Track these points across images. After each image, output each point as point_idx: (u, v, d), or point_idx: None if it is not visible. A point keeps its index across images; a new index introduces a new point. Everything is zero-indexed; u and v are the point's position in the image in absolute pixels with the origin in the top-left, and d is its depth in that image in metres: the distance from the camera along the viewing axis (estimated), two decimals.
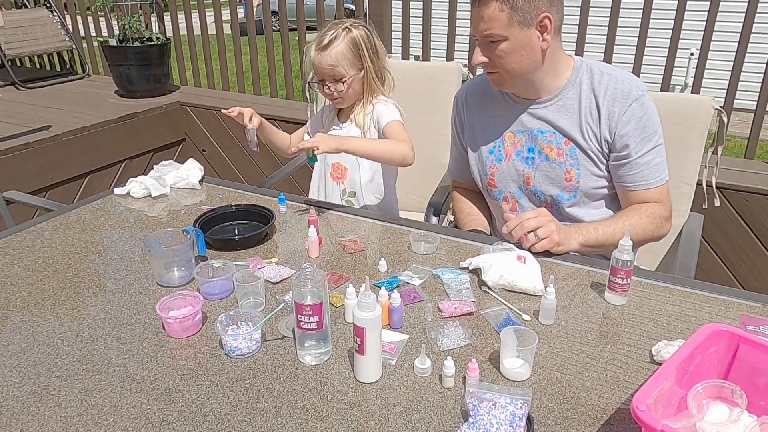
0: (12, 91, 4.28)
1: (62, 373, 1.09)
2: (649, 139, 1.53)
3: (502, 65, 1.50)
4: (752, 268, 2.52)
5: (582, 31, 2.95)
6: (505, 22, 1.43)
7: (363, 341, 1.01)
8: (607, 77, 1.54)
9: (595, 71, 1.56)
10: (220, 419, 0.97)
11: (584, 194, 1.60)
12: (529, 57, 1.49)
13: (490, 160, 1.70)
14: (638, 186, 1.56)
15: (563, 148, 1.58)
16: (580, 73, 1.57)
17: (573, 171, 1.58)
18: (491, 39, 1.46)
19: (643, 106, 1.51)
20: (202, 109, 3.82)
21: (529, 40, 1.47)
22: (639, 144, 1.52)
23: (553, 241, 1.42)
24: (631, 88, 1.51)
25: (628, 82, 1.53)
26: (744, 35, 2.59)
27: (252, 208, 1.70)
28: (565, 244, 1.44)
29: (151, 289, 1.36)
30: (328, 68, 1.78)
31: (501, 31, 1.44)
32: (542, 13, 1.44)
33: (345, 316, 1.23)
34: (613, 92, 1.52)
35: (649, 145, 1.53)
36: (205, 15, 4.05)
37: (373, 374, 1.05)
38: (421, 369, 1.06)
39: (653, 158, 1.54)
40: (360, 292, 1.01)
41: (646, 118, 1.52)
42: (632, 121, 1.51)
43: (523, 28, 1.45)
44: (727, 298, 1.28)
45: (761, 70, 2.59)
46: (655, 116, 1.54)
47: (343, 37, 1.77)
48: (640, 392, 0.83)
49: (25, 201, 2.29)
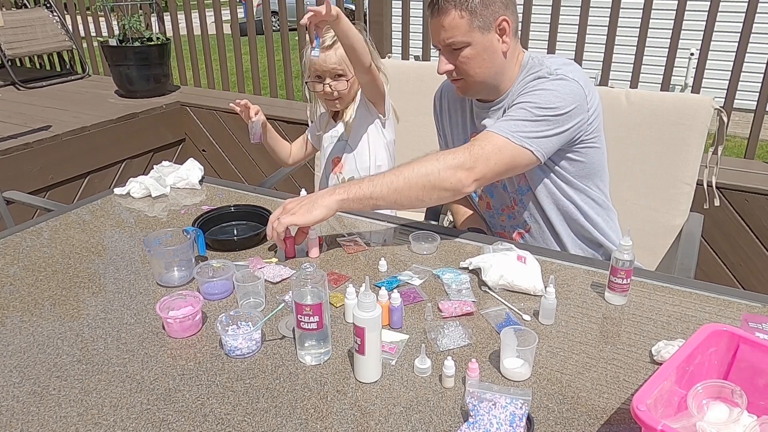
0: (12, 91, 4.28)
1: (62, 373, 1.09)
2: (528, 102, 1.45)
3: (467, 71, 1.51)
4: (752, 268, 2.52)
5: (582, 31, 2.95)
6: (466, 28, 1.45)
7: (363, 341, 1.01)
8: (537, 62, 1.53)
9: (534, 65, 1.54)
10: (220, 419, 0.97)
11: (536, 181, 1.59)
12: (491, 60, 1.50)
13: None
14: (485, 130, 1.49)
15: None
16: (526, 69, 1.56)
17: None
18: (454, 46, 1.48)
19: (541, 81, 1.47)
20: (202, 109, 3.82)
21: (490, 43, 1.48)
22: (517, 105, 1.47)
23: (291, 221, 1.39)
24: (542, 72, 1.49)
25: (545, 67, 1.50)
26: (744, 35, 2.59)
27: (251, 208, 1.70)
28: (309, 215, 1.39)
29: (151, 289, 1.36)
30: (332, 66, 1.82)
31: (463, 38, 1.46)
32: (500, 17, 1.47)
33: (345, 316, 1.23)
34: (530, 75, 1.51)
35: (524, 105, 1.45)
36: (205, 15, 4.05)
37: (373, 374, 1.05)
38: (421, 369, 1.06)
39: (507, 118, 1.46)
40: (360, 292, 1.01)
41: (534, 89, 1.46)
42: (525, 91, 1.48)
43: (483, 33, 1.46)
44: (727, 298, 1.28)
45: (761, 70, 2.59)
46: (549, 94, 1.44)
47: None
48: (640, 392, 0.83)
49: (25, 201, 2.29)
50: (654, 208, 1.90)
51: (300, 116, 3.39)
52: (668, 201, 1.88)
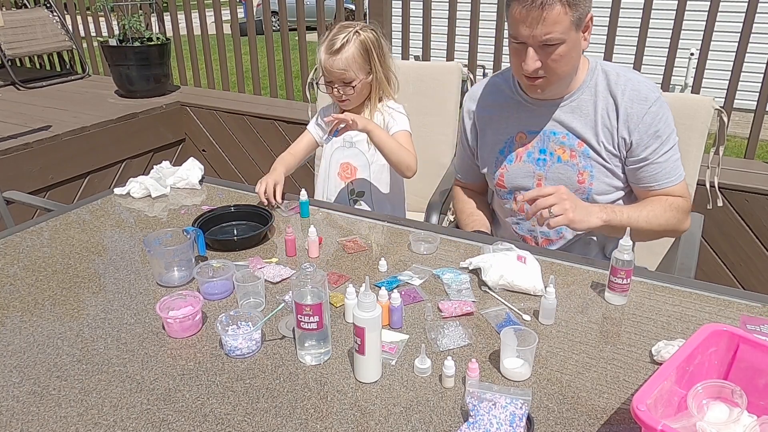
0: (12, 91, 4.28)
1: (62, 373, 1.09)
2: (669, 139, 1.54)
3: (555, 69, 1.44)
4: (752, 268, 2.52)
5: None
6: (567, 25, 1.38)
7: (363, 341, 1.01)
8: (623, 79, 1.54)
9: (610, 72, 1.55)
10: (220, 419, 0.97)
11: (597, 196, 1.58)
12: (576, 59, 1.48)
13: (500, 160, 1.68)
14: (660, 185, 1.56)
15: (576, 150, 1.57)
16: (595, 75, 1.56)
17: (586, 173, 1.57)
18: (549, 43, 1.39)
19: (661, 108, 1.52)
20: (202, 109, 3.82)
21: (578, 41, 1.44)
22: (660, 146, 1.53)
23: (568, 218, 1.39)
24: (649, 91, 1.52)
25: (645, 85, 1.53)
26: (744, 35, 2.59)
27: (251, 208, 1.70)
28: (584, 222, 1.43)
29: (151, 289, 1.36)
30: (338, 72, 1.77)
31: (561, 34, 1.38)
32: (589, 13, 1.43)
33: (345, 316, 1.23)
34: (631, 94, 1.52)
35: (668, 145, 1.54)
36: (205, 15, 4.05)
37: (372, 374, 1.05)
38: (421, 369, 1.06)
39: (671, 156, 1.55)
40: (360, 292, 1.01)
41: (665, 120, 1.53)
42: (653, 124, 1.51)
43: (577, 30, 1.42)
44: (727, 298, 1.28)
45: (761, 70, 2.59)
46: (670, 116, 1.55)
47: (353, 41, 1.76)
48: (640, 392, 0.83)
49: (25, 201, 2.29)
50: None
51: (300, 116, 3.39)
52: None
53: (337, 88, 1.81)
